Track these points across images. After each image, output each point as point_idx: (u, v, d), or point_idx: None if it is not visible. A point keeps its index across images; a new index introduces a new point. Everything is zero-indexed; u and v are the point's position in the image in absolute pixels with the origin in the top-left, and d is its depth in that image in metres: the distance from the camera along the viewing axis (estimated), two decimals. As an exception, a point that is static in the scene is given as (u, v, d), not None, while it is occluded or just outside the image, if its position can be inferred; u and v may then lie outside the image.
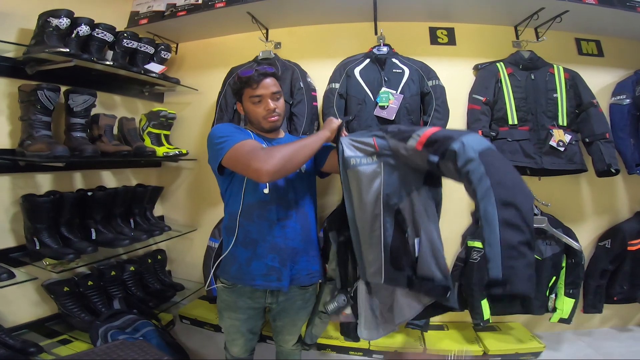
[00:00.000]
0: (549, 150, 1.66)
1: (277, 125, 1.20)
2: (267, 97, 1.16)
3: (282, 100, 1.21)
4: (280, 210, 1.14)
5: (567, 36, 1.92)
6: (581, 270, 1.70)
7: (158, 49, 1.93)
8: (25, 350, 1.27)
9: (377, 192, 1.03)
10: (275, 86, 1.18)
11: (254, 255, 1.13)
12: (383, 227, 1.03)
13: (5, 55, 1.43)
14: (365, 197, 1.04)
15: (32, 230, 1.39)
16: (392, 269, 1.03)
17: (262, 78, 1.15)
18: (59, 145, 1.35)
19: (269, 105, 1.15)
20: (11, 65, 1.45)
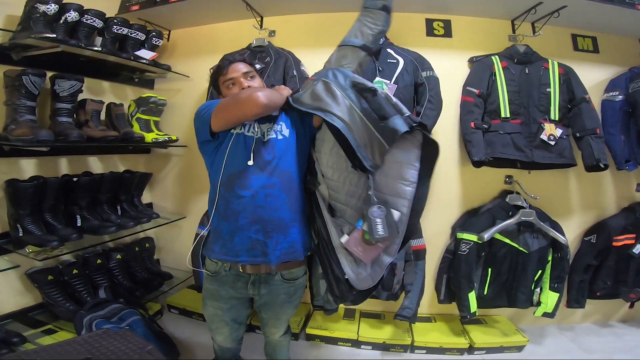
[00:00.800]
0: (540, 144, 1.67)
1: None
2: (239, 78, 1.17)
3: (257, 79, 1.20)
4: (262, 178, 1.09)
5: (563, 32, 1.92)
6: (567, 265, 1.72)
7: (149, 36, 1.90)
8: (8, 340, 1.26)
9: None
10: (246, 67, 1.20)
11: (236, 227, 1.09)
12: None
13: None
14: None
15: (15, 216, 1.37)
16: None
17: (229, 63, 1.19)
18: (43, 130, 1.32)
19: (243, 84, 1.16)
20: (-4, 51, 1.41)
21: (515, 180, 1.82)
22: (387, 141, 0.97)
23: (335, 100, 1.02)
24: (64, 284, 1.55)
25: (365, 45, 1.15)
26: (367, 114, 1.00)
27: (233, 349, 1.37)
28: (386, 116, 0.98)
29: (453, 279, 1.75)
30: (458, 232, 1.74)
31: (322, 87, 1.06)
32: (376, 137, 0.98)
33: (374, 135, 0.98)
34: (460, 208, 1.92)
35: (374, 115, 0.99)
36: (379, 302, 1.83)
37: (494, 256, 1.73)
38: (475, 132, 1.69)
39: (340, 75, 1.07)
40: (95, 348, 0.99)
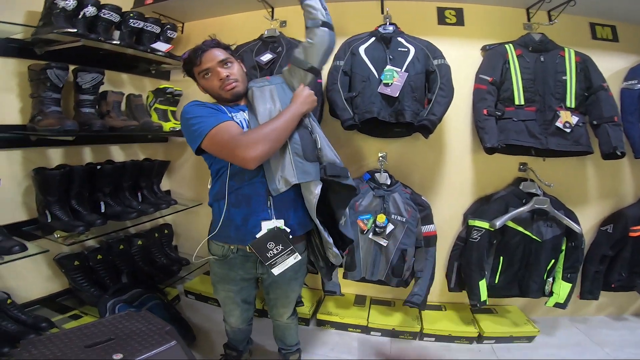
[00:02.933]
0: (555, 131, 1.65)
1: (238, 91, 1.15)
2: (215, 68, 1.12)
3: (235, 66, 1.15)
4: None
5: (581, 20, 1.87)
6: (581, 255, 1.71)
7: (164, 29, 1.94)
8: (36, 325, 1.33)
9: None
10: (223, 53, 1.13)
11: (249, 212, 1.10)
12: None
13: (13, 37, 1.45)
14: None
15: (44, 203, 1.44)
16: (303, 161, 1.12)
17: (202, 52, 1.11)
18: (69, 120, 1.38)
19: (221, 74, 1.11)
20: (19, 47, 1.47)
21: (529, 168, 1.80)
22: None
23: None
24: (89, 269, 1.64)
25: (313, 68, 1.20)
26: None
27: (244, 329, 1.43)
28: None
29: (464, 267, 1.76)
30: (469, 219, 1.74)
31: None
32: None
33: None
34: (472, 195, 1.92)
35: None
36: (389, 289, 1.85)
37: (506, 244, 1.72)
38: (487, 119, 1.68)
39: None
40: (118, 329, 1.06)
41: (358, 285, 1.87)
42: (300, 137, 1.13)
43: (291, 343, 1.50)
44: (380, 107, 1.67)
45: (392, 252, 1.70)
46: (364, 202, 1.72)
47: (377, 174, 1.76)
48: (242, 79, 1.17)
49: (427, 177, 1.93)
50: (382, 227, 1.66)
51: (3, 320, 1.29)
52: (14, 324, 1.30)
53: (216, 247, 1.21)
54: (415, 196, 1.74)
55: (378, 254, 1.72)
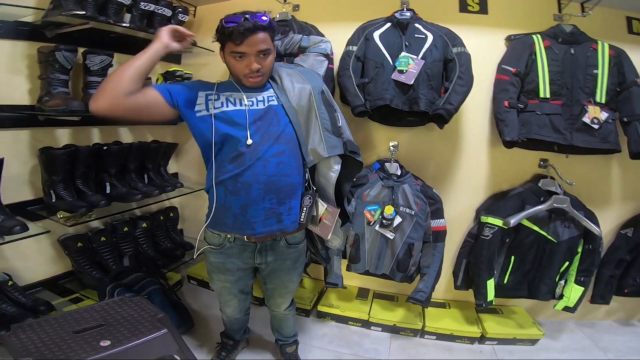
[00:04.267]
0: (582, 127, 1.55)
1: (259, 85, 1.10)
2: (250, 56, 1.02)
3: (270, 57, 1.07)
4: (271, 146, 1.06)
5: (616, 13, 1.75)
6: (597, 258, 1.63)
7: (175, 12, 1.90)
8: (35, 308, 1.33)
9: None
10: (265, 42, 1.02)
11: (248, 200, 1.05)
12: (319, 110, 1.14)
13: (24, 20, 1.44)
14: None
15: (49, 182, 1.44)
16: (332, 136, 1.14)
17: (248, 34, 0.98)
18: (75, 101, 1.37)
19: (252, 65, 1.03)
20: (30, 29, 1.46)
21: (550, 164, 1.71)
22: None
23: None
24: (92, 251, 1.64)
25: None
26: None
27: (241, 319, 1.42)
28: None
29: (472, 265, 1.70)
30: (482, 216, 1.67)
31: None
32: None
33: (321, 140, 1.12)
34: (487, 190, 1.84)
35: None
36: (393, 283, 1.80)
37: (520, 243, 1.65)
38: (508, 111, 1.59)
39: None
40: (109, 315, 1.06)
41: (362, 277, 1.83)
42: (327, 112, 1.14)
43: (288, 335, 1.48)
44: (393, 94, 1.60)
45: (398, 246, 1.64)
46: (372, 192, 1.66)
47: (387, 164, 1.70)
48: (270, 71, 1.11)
49: (440, 169, 1.86)
50: (390, 220, 1.61)
51: (2, 302, 1.28)
52: (13, 306, 1.29)
53: (212, 235, 1.17)
54: (426, 189, 1.68)
55: (384, 247, 1.67)
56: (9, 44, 1.43)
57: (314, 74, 1.23)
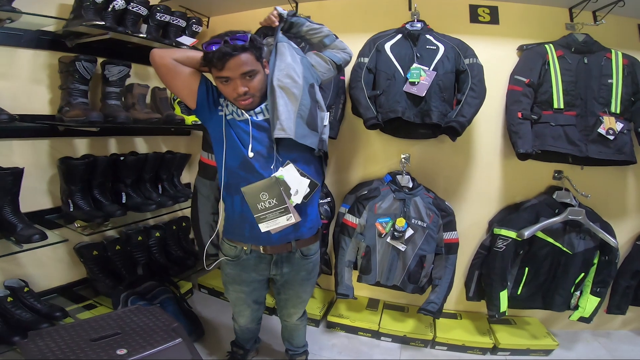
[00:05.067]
0: (597, 138, 1.53)
1: (252, 107, 1.08)
2: (235, 80, 1.00)
3: (258, 77, 1.04)
4: (283, 156, 1.07)
5: (628, 21, 1.74)
6: (614, 269, 1.61)
7: (189, 23, 1.95)
8: (50, 314, 1.35)
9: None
10: (247, 64, 0.99)
11: None
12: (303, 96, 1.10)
13: (46, 30, 1.49)
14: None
15: (67, 192, 1.48)
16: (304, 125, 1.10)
17: (228, 58, 0.96)
18: (94, 112, 1.42)
19: (238, 89, 1.01)
20: (51, 39, 1.51)
21: (565, 176, 1.69)
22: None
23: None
24: (106, 259, 1.67)
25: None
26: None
27: (253, 328, 1.43)
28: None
29: (485, 276, 1.68)
30: (495, 228, 1.65)
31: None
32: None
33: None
34: (500, 203, 1.83)
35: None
36: (403, 294, 1.79)
37: (534, 255, 1.63)
38: (522, 123, 1.58)
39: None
40: (125, 323, 1.07)
41: (372, 288, 1.83)
42: (310, 105, 1.10)
43: (298, 345, 1.48)
44: (405, 106, 1.61)
45: (410, 258, 1.64)
46: (384, 204, 1.66)
47: (398, 176, 1.70)
48: (260, 91, 1.07)
49: (452, 182, 1.86)
50: (401, 232, 1.60)
51: (18, 308, 1.31)
52: (28, 312, 1.32)
53: (228, 247, 1.19)
54: (438, 201, 1.67)
55: (395, 258, 1.66)
56: (30, 53, 1.47)
57: (313, 70, 1.18)
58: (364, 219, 1.66)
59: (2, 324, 1.25)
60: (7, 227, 1.23)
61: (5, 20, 1.26)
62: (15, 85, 1.43)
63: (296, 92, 1.06)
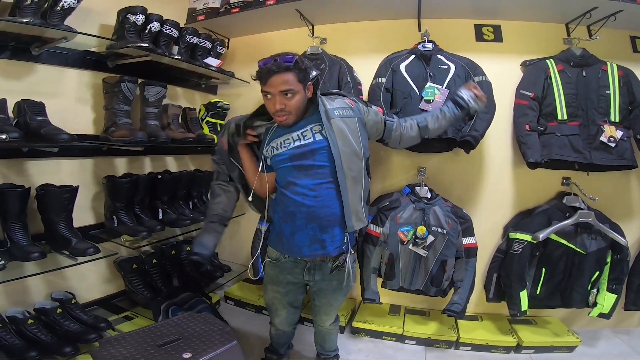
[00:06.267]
0: (599, 145, 1.65)
1: (287, 124, 1.18)
2: (274, 96, 1.11)
3: (297, 98, 1.12)
4: (307, 182, 1.16)
5: (621, 34, 1.88)
6: (626, 267, 1.69)
7: (214, 44, 2.07)
8: (96, 325, 1.42)
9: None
10: (287, 83, 1.08)
11: (295, 228, 1.18)
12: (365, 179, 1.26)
13: (91, 50, 1.58)
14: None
15: (112, 208, 1.57)
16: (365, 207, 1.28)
17: (271, 74, 1.08)
18: (140, 132, 1.51)
19: (276, 105, 1.11)
20: (95, 59, 1.61)
21: (572, 182, 1.80)
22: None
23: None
24: (144, 272, 1.75)
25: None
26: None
27: (288, 332, 1.49)
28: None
29: (504, 278, 1.77)
30: (511, 232, 1.75)
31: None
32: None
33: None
34: (513, 209, 1.93)
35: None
36: (424, 298, 1.88)
37: (549, 256, 1.72)
38: (530, 134, 1.71)
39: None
40: (184, 329, 1.16)
41: (392, 294, 1.90)
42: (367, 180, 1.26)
43: (330, 349, 1.54)
44: (422, 123, 1.72)
45: (431, 263, 1.72)
46: (405, 214, 1.75)
47: (417, 188, 1.80)
48: (296, 110, 1.15)
49: (467, 191, 1.96)
50: (423, 239, 1.70)
51: (66, 320, 1.38)
52: (75, 323, 1.39)
53: (271, 250, 1.31)
54: (456, 209, 1.77)
55: (417, 264, 1.75)
56: (76, 73, 1.56)
57: (361, 129, 1.24)
58: (386, 228, 1.75)
59: (52, 335, 1.30)
60: (62, 241, 1.31)
61: (61, 39, 1.34)
62: (63, 104, 1.50)
63: (362, 178, 1.22)
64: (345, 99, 1.27)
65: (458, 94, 1.39)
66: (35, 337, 1.26)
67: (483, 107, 1.41)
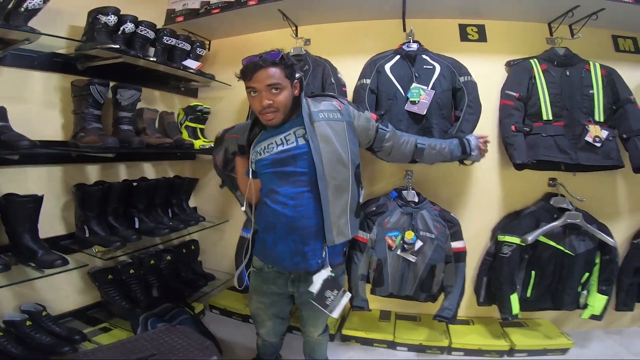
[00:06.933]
0: (585, 145, 1.64)
1: (275, 123, 1.12)
2: (261, 91, 1.06)
3: (284, 93, 1.07)
4: (288, 190, 1.11)
5: (603, 33, 1.88)
6: (615, 267, 1.68)
7: (194, 46, 2.00)
8: (70, 338, 1.35)
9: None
10: (274, 77, 1.05)
11: (276, 237, 1.14)
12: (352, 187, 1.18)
13: (58, 52, 1.50)
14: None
15: (83, 218, 1.48)
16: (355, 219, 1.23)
17: (257, 69, 1.04)
18: (110, 137, 1.43)
19: (263, 101, 1.06)
20: (63, 61, 1.53)
21: (559, 183, 1.79)
22: None
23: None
24: (121, 283, 1.66)
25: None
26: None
27: (275, 343, 1.43)
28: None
29: (494, 281, 1.74)
30: (499, 235, 1.73)
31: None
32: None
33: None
34: (500, 211, 1.91)
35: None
36: (413, 304, 1.84)
37: (538, 258, 1.70)
38: (516, 135, 1.69)
39: None
40: (160, 344, 1.09)
41: (382, 300, 1.84)
42: (357, 189, 1.20)
43: (320, 359, 1.49)
44: (407, 124, 1.69)
45: (420, 268, 1.68)
46: (392, 219, 1.71)
47: (404, 192, 1.76)
48: (284, 107, 1.10)
49: (454, 194, 1.93)
50: (411, 244, 1.66)
51: (37, 332, 1.31)
52: (48, 336, 1.32)
53: (255, 259, 1.26)
54: (444, 213, 1.74)
55: (406, 269, 1.70)
56: (43, 76, 1.48)
57: (350, 134, 1.17)
58: (374, 233, 1.71)
59: (23, 348, 1.24)
60: (27, 253, 1.24)
61: (24, 41, 1.27)
62: (29, 109, 1.43)
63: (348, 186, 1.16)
64: (333, 101, 1.20)
65: (467, 138, 1.35)
66: (5, 350, 1.21)
67: (479, 161, 1.39)
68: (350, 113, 1.21)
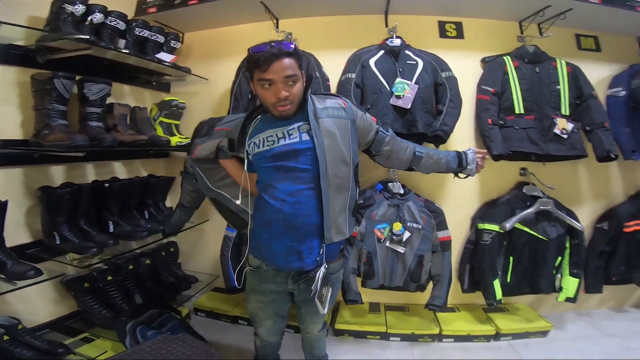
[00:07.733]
0: (553, 137, 1.76)
1: (288, 114, 1.08)
2: (277, 83, 1.01)
3: (298, 85, 1.05)
4: (288, 186, 1.07)
5: (567, 32, 2.01)
6: (583, 251, 1.81)
7: (168, 38, 1.89)
8: (53, 351, 1.24)
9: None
10: (291, 68, 1.02)
11: (271, 235, 1.09)
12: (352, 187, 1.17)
13: (15, 44, 1.35)
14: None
15: (51, 224, 1.35)
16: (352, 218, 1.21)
17: (273, 59, 0.99)
18: (79, 135, 1.30)
19: (279, 93, 1.02)
20: (21, 54, 1.37)
21: (530, 172, 1.90)
22: None
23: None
24: (99, 291, 1.55)
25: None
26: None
27: (274, 343, 1.39)
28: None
29: (477, 269, 1.82)
30: (479, 223, 1.81)
31: None
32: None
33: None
34: (478, 201, 1.99)
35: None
36: (401, 295, 1.87)
37: (515, 245, 1.80)
38: (492, 128, 1.77)
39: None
40: (163, 355, 1.02)
41: (371, 292, 1.86)
42: (356, 189, 1.19)
43: (319, 355, 1.47)
44: (392, 118, 1.71)
45: (409, 259, 1.72)
46: (380, 211, 1.73)
47: (390, 184, 1.79)
48: (298, 99, 1.07)
49: (436, 185, 1.99)
50: (399, 235, 1.69)
51: (17, 347, 1.19)
52: (28, 350, 1.20)
53: (252, 258, 1.21)
54: (429, 204, 1.79)
55: (395, 261, 1.74)
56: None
57: (352, 132, 1.15)
58: (363, 227, 1.72)
59: None
60: (-5, 265, 1.10)
61: None
62: None
63: (349, 185, 1.13)
64: (338, 99, 1.18)
65: (464, 152, 1.34)
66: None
67: (474, 175, 1.38)
68: (353, 112, 1.19)
